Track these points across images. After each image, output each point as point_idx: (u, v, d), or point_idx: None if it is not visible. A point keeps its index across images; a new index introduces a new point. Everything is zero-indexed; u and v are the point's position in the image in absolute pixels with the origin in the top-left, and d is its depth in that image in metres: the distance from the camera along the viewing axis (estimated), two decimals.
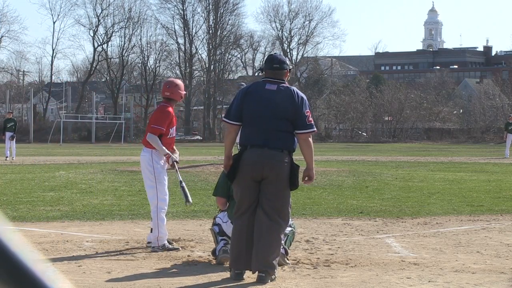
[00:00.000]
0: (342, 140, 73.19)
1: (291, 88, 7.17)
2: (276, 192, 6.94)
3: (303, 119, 7.08)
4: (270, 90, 7.11)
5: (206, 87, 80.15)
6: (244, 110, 7.11)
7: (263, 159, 6.94)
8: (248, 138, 7.10)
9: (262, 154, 6.95)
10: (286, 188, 7.00)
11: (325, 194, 15.55)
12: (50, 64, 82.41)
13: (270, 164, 6.93)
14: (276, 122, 7.04)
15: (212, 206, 13.07)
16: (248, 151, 7.04)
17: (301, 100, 7.11)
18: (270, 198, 6.93)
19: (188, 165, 22.66)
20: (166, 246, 8.56)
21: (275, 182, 6.93)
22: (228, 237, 7.66)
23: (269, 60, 7.30)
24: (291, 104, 7.06)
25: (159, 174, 8.75)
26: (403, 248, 8.80)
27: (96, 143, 65.71)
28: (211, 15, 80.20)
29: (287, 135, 7.08)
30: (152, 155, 8.75)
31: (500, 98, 76.40)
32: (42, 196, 14.89)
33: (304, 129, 7.08)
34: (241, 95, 7.23)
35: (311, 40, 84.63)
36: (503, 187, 17.44)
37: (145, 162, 8.82)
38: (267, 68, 7.24)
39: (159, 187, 8.72)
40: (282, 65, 7.19)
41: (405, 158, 34.29)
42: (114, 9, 79.95)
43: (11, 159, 30.21)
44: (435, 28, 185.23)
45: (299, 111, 7.06)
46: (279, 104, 7.05)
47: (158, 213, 8.63)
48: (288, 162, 7.01)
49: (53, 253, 8.36)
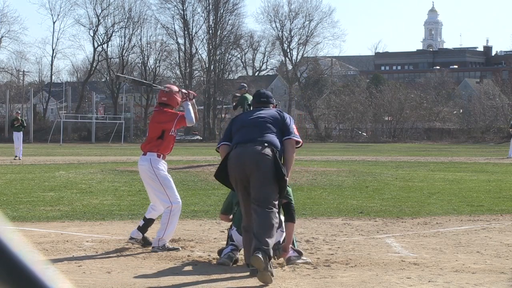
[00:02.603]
0: (342, 140, 73.21)
1: (279, 109, 7.81)
2: (259, 184, 7.01)
3: (289, 129, 7.43)
4: (256, 110, 7.72)
5: (206, 87, 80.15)
6: (233, 128, 7.57)
7: (244, 155, 7.14)
8: (235, 139, 7.41)
9: (244, 150, 7.18)
10: (270, 180, 7.04)
11: (325, 194, 15.55)
12: (50, 64, 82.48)
13: (250, 157, 7.10)
14: (261, 126, 7.38)
15: (212, 206, 13.08)
16: (233, 151, 7.30)
17: (287, 117, 7.59)
18: (255, 189, 7.02)
19: (188, 165, 22.67)
20: (167, 246, 8.56)
21: (256, 175, 7.03)
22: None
23: (257, 95, 7.97)
24: (277, 117, 7.49)
25: (163, 180, 8.67)
26: (403, 248, 8.80)
27: (96, 143, 65.72)
28: (211, 15, 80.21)
29: (273, 136, 7.31)
30: (151, 162, 8.67)
31: (500, 98, 76.40)
32: (42, 196, 14.89)
33: (290, 135, 7.39)
34: (230, 122, 7.84)
35: (311, 40, 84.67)
36: (503, 187, 17.43)
37: (146, 171, 8.70)
38: (254, 101, 7.90)
39: (169, 192, 8.65)
40: (269, 99, 7.85)
41: (405, 158, 34.29)
42: (114, 9, 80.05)
43: (17, 158, 30.48)
44: (435, 28, 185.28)
45: (285, 123, 7.47)
46: (264, 113, 7.55)
47: (170, 215, 8.58)
48: (271, 156, 7.11)
49: (53, 253, 8.36)
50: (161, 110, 8.95)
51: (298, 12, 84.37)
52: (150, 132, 8.97)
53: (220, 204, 13.24)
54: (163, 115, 8.86)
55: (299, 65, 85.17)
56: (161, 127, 8.79)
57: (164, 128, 8.77)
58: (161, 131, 8.76)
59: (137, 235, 8.78)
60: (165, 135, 8.75)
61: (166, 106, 8.91)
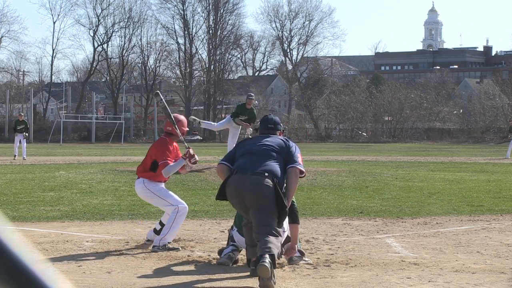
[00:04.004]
0: (342, 140, 73.19)
1: (286, 137, 7.55)
2: (259, 213, 6.87)
3: (294, 158, 7.23)
4: (263, 136, 7.52)
5: (206, 87, 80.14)
6: (238, 152, 7.41)
7: (243, 183, 6.97)
8: (237, 165, 7.24)
9: (243, 178, 7.01)
10: (270, 210, 6.90)
11: (325, 194, 15.55)
12: (50, 64, 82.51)
13: (250, 187, 6.93)
14: (265, 152, 7.21)
15: (212, 206, 13.08)
16: (232, 177, 7.13)
17: (293, 145, 7.40)
18: (255, 218, 6.90)
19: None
20: (167, 246, 8.58)
21: (256, 203, 6.89)
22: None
23: (264, 121, 7.76)
24: (283, 145, 7.31)
25: (160, 192, 8.83)
26: (403, 248, 8.80)
27: (96, 143, 65.71)
28: (211, 15, 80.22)
29: (275, 165, 7.13)
30: (144, 183, 8.86)
31: (500, 98, 76.42)
32: (42, 196, 14.89)
33: (294, 164, 7.18)
34: (236, 145, 7.73)
35: (311, 40, 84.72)
36: (503, 187, 17.43)
37: (143, 193, 8.94)
38: (261, 127, 7.69)
39: (170, 200, 8.79)
40: (276, 126, 7.67)
41: (405, 158, 34.28)
42: (114, 9, 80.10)
43: (21, 158, 30.63)
44: (435, 28, 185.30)
45: (290, 152, 7.27)
46: (269, 141, 7.36)
47: (176, 216, 8.67)
48: (271, 185, 6.94)
49: (53, 253, 8.36)
50: (160, 140, 9.02)
51: (298, 12, 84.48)
52: (147, 159, 9.00)
53: (220, 204, 13.27)
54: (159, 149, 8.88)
55: (299, 65, 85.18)
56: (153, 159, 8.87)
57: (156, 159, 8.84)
58: (152, 162, 8.83)
59: (153, 237, 8.83)
60: (158, 169, 8.81)
61: (169, 136, 9.02)
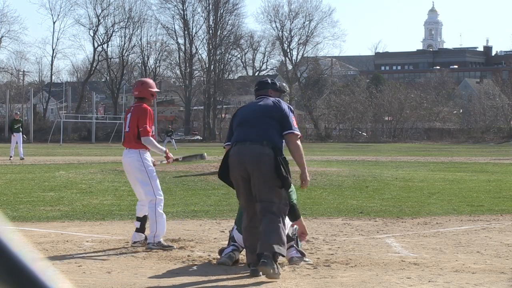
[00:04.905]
0: (342, 140, 73.20)
1: (277, 98, 7.57)
2: (259, 185, 7.06)
3: (289, 121, 7.35)
4: (255, 102, 7.63)
5: (206, 87, 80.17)
6: (234, 123, 7.57)
7: (244, 154, 7.16)
8: (234, 137, 7.41)
9: (243, 148, 7.20)
10: (271, 181, 7.05)
11: (325, 194, 15.54)
12: (50, 64, 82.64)
13: (250, 156, 7.12)
14: (259, 120, 7.33)
15: (212, 206, 13.07)
16: (232, 149, 7.32)
17: (286, 106, 7.48)
18: (257, 192, 7.07)
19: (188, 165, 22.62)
20: (161, 243, 8.55)
21: (257, 175, 7.07)
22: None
23: (256, 84, 7.93)
24: (276, 106, 7.40)
25: (151, 172, 8.75)
26: (403, 248, 8.79)
27: (96, 143, 65.72)
28: (211, 15, 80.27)
29: (272, 131, 7.27)
30: (140, 154, 8.73)
31: (500, 98, 76.45)
32: (42, 196, 14.89)
33: (290, 130, 7.32)
34: (232, 117, 7.82)
35: (311, 40, 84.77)
36: (503, 187, 17.43)
37: (134, 162, 8.73)
38: (254, 92, 7.86)
39: (153, 184, 8.71)
40: (265, 85, 7.75)
41: (405, 158, 34.28)
42: (114, 9, 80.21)
43: (20, 158, 30.50)
44: (435, 28, 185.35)
45: (284, 114, 7.36)
46: (262, 106, 7.45)
47: (156, 209, 8.59)
48: (271, 155, 7.10)
49: (53, 253, 8.36)
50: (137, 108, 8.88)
51: (298, 12, 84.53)
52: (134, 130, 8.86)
53: (220, 204, 13.27)
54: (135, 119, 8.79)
55: (299, 65, 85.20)
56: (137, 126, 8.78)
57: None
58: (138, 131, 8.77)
59: (138, 237, 8.79)
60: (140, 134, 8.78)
61: (141, 100, 8.92)
